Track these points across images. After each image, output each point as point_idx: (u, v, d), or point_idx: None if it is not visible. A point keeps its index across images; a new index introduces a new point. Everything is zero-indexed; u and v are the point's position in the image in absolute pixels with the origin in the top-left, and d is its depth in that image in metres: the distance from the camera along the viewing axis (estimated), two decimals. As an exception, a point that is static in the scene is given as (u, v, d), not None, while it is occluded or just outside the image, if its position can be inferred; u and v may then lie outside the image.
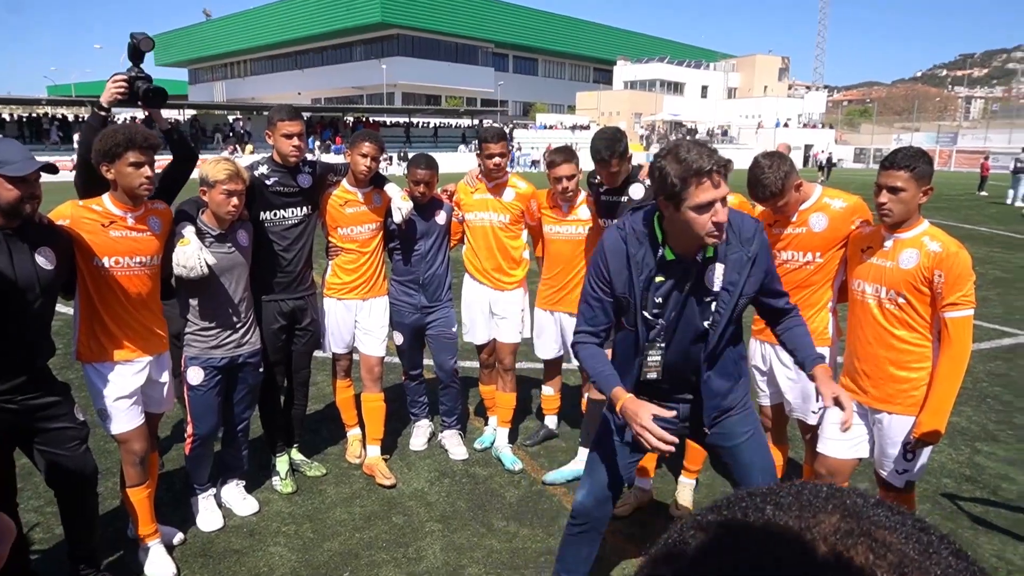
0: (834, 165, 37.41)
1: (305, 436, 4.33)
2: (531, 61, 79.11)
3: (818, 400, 2.53)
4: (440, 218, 4.17)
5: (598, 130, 3.83)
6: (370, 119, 44.01)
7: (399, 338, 4.33)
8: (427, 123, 46.99)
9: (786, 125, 56.84)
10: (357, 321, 4.12)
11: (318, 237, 3.97)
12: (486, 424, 4.67)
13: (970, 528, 3.58)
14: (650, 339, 2.38)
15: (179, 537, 3.39)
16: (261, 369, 3.63)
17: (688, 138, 2.29)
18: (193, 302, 3.35)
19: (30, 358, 2.69)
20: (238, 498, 3.70)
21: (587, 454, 2.75)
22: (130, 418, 3.02)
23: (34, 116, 35.16)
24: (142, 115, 3.33)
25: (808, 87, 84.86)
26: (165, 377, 3.20)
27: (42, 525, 3.49)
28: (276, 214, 3.69)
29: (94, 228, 2.86)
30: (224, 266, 3.32)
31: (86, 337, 2.95)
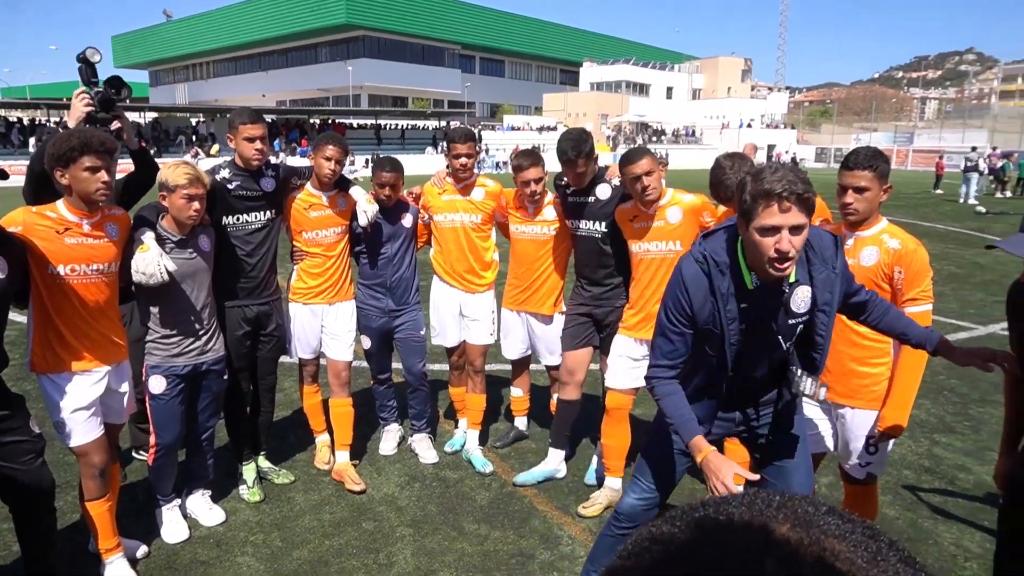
0: (797, 164, 38.10)
1: (272, 443, 4.28)
2: (498, 63, 79.24)
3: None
4: (406, 221, 4.16)
5: (564, 131, 3.85)
6: (336, 121, 43.59)
7: (367, 342, 4.30)
8: (394, 125, 46.71)
9: (749, 126, 57.78)
10: (324, 326, 4.08)
11: (283, 241, 3.92)
12: (456, 427, 4.66)
13: (929, 518, 3.68)
14: (734, 365, 2.31)
15: (143, 550, 3.32)
16: (225, 376, 3.58)
17: (785, 163, 2.21)
18: (154, 309, 3.28)
19: (-18, 370, 2.60)
20: (204, 508, 3.63)
21: (638, 462, 2.67)
22: (88, 430, 2.95)
23: (-11, 119, 34.07)
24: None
25: (770, 88, 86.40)
26: (125, 387, 3.13)
27: (-2, 541, 3.39)
28: (239, 218, 3.64)
29: (48, 235, 2.78)
30: (186, 272, 3.26)
31: (40, 347, 2.87)
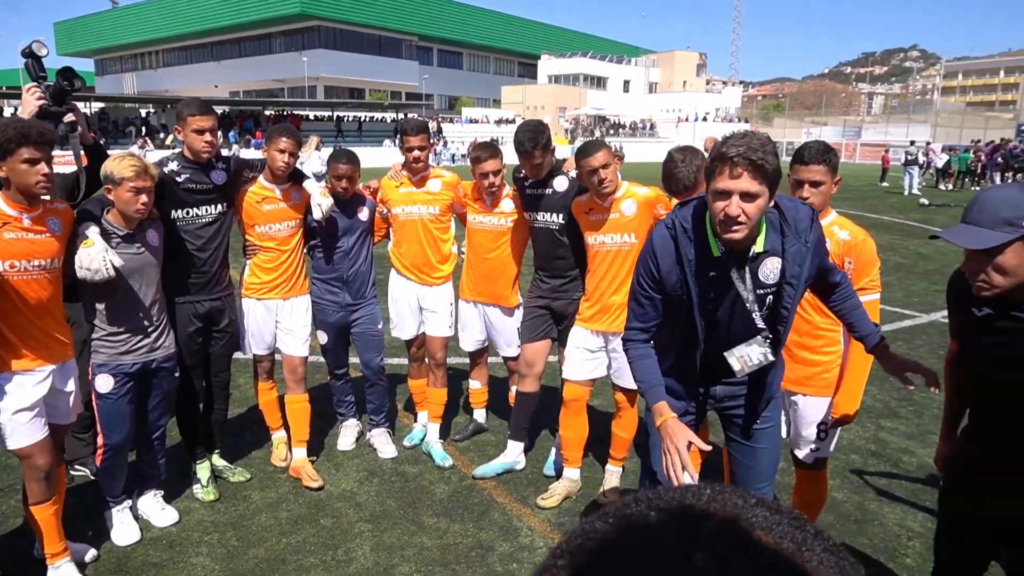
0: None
1: (227, 441, 4.20)
2: (456, 55, 78.69)
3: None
4: (363, 215, 4.11)
5: (521, 123, 3.86)
6: (292, 113, 42.78)
7: (323, 337, 4.24)
8: (351, 117, 46.05)
9: (704, 119, 58.65)
10: (278, 321, 4.02)
11: (235, 235, 3.84)
12: (415, 421, 4.64)
13: (875, 500, 3.81)
14: (706, 334, 2.32)
15: (92, 553, 3.23)
16: (176, 374, 3.49)
17: (756, 132, 2.17)
18: (100, 306, 3.18)
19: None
20: (156, 508, 3.55)
21: (647, 463, 2.67)
22: (32, 431, 2.84)
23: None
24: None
25: (725, 82, 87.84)
26: (71, 386, 3.03)
27: (-64, 549, 3.26)
28: (189, 212, 3.55)
29: (-15, 230, 2.68)
30: (133, 267, 3.17)
31: (-20, 346, 2.76)
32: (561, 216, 3.77)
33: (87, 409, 3.36)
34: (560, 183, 3.80)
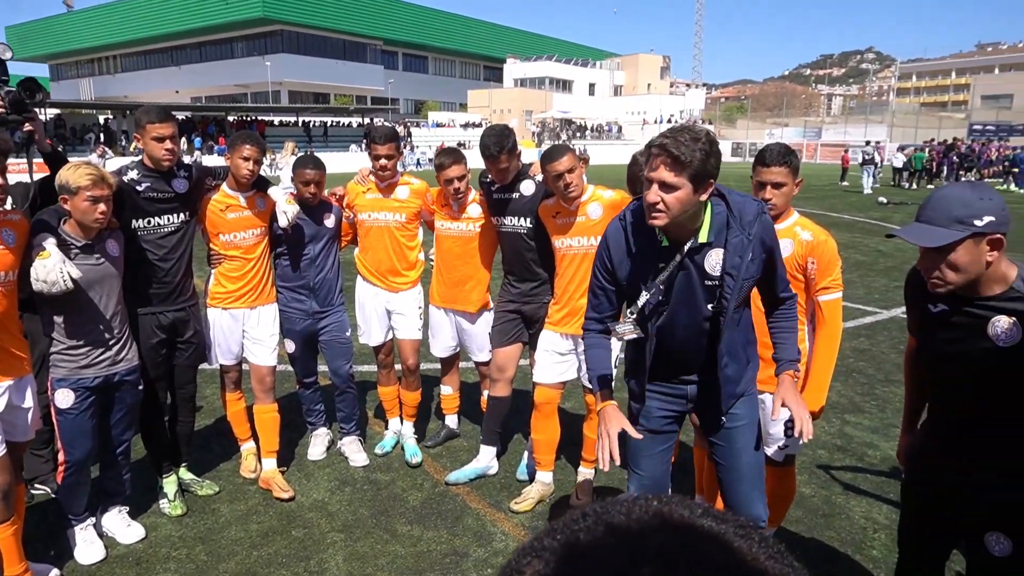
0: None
1: (194, 454, 4.12)
2: (421, 59, 78.43)
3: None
4: (329, 221, 4.07)
5: (487, 127, 3.86)
6: (257, 118, 42.19)
7: (291, 346, 4.19)
8: (317, 122, 45.59)
9: (669, 121, 59.29)
10: (245, 331, 3.96)
11: (199, 244, 3.78)
12: (386, 428, 4.61)
13: (842, 494, 3.89)
14: (657, 325, 2.36)
15: (55, 574, 3.14)
16: (140, 387, 3.42)
17: (699, 128, 2.24)
18: (58, 319, 3.10)
19: None
20: (121, 525, 3.46)
21: (627, 451, 2.63)
22: (-11, 449, 2.76)
23: None
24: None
25: (688, 85, 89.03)
26: (29, 402, 2.94)
27: None
28: (150, 221, 3.48)
29: (-64, 243, 2.59)
30: (92, 279, 3.09)
31: (-68, 363, 2.67)
32: (529, 220, 3.78)
33: (46, 424, 3.28)
34: (527, 187, 3.81)
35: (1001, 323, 1.88)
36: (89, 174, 2.97)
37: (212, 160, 27.27)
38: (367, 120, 47.73)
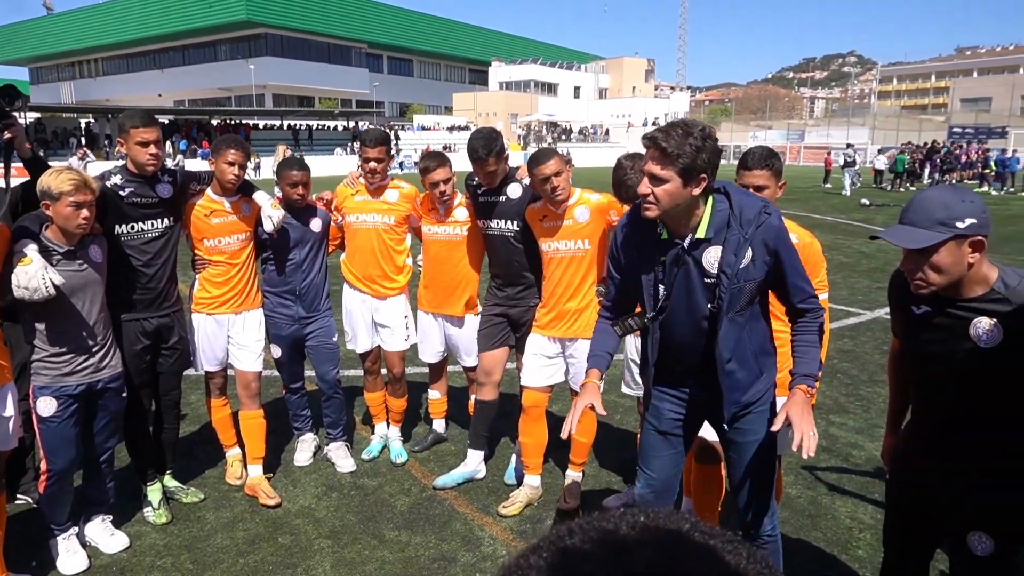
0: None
1: (179, 461, 4.08)
2: (406, 62, 78.39)
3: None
4: (315, 225, 4.05)
5: (474, 130, 3.86)
6: (241, 122, 41.92)
7: (277, 351, 4.17)
8: (304, 125, 45.36)
9: (654, 124, 59.61)
10: (231, 336, 3.93)
11: (183, 249, 3.75)
12: (373, 433, 4.59)
13: (827, 494, 3.92)
14: (659, 321, 2.37)
15: (36, 584, 3.10)
16: (124, 394, 3.38)
17: (691, 122, 2.22)
18: (40, 326, 3.05)
19: None
20: (105, 534, 3.42)
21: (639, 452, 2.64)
22: (-31, 459, 2.72)
23: None
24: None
25: (672, 88, 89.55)
26: (10, 411, 2.90)
27: None
28: (134, 227, 3.45)
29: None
30: (75, 285, 3.06)
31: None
32: (516, 223, 3.78)
33: (27, 431, 3.23)
34: (514, 190, 3.81)
35: (982, 324, 1.90)
36: (71, 179, 2.94)
37: (196, 164, 27.04)
38: (352, 123, 47.60)
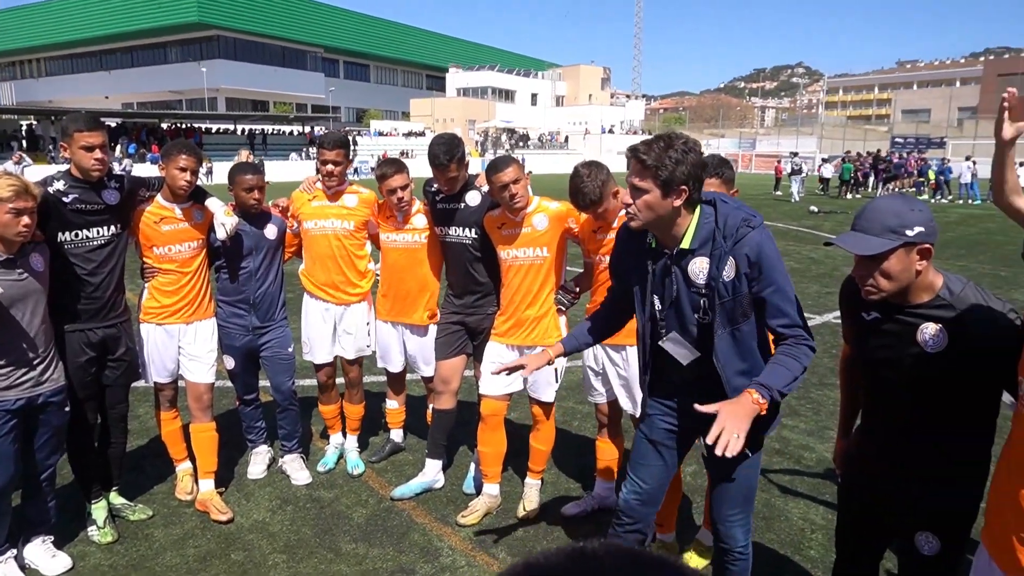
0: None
1: (126, 476, 3.94)
2: (363, 67, 77.71)
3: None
4: (270, 232, 3.97)
5: (435, 136, 3.84)
6: (192, 126, 40.93)
7: (230, 362, 4.06)
8: (259, 130, 44.51)
9: (611, 131, 60.38)
10: (181, 347, 3.81)
11: (132, 257, 3.63)
12: (328, 444, 4.51)
13: (780, 496, 4.00)
14: (651, 328, 2.46)
15: (-29, 610, 2.95)
16: (67, 408, 3.25)
17: (674, 135, 2.23)
18: (-23, 339, 2.92)
19: None
20: (46, 556, 3.27)
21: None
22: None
23: None
24: None
25: (628, 96, 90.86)
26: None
27: None
28: (78, 235, 3.32)
29: None
30: (14, 295, 2.93)
31: None
32: (474, 231, 3.77)
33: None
34: (472, 198, 3.80)
35: (929, 329, 1.97)
36: (11, 185, 2.82)
37: (145, 169, 26.29)
38: (307, 128, 46.94)
